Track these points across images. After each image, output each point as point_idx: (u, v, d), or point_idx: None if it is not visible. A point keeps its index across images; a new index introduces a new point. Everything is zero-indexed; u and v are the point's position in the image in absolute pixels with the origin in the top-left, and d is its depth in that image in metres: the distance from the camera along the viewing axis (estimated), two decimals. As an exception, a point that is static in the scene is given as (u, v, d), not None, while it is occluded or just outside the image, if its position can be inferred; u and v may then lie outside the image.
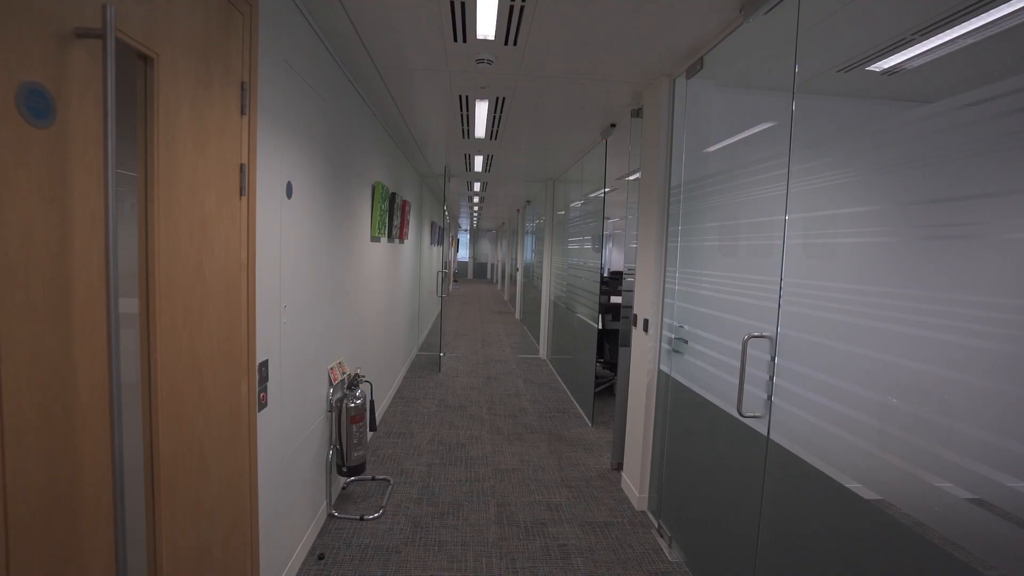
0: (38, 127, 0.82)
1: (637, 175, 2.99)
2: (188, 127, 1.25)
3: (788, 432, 1.56)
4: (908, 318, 1.16)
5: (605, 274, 6.31)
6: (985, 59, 1.08)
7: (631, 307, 2.97)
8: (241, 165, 1.53)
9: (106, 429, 0.98)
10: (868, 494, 1.26)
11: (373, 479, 2.98)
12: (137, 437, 1.18)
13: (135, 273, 1.16)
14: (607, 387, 5.01)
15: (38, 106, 0.81)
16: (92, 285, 0.94)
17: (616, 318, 4.79)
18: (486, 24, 2.13)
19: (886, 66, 1.36)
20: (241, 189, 1.54)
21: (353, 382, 2.67)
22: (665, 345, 2.55)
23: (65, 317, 0.89)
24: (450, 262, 15.05)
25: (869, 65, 1.39)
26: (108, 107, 0.86)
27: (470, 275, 24.05)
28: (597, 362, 4.21)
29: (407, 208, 4.97)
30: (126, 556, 0.96)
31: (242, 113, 1.53)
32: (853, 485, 1.31)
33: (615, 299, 4.99)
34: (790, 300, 1.58)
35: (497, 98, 3.15)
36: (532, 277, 8.09)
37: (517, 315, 10.50)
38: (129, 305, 1.17)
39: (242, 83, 1.52)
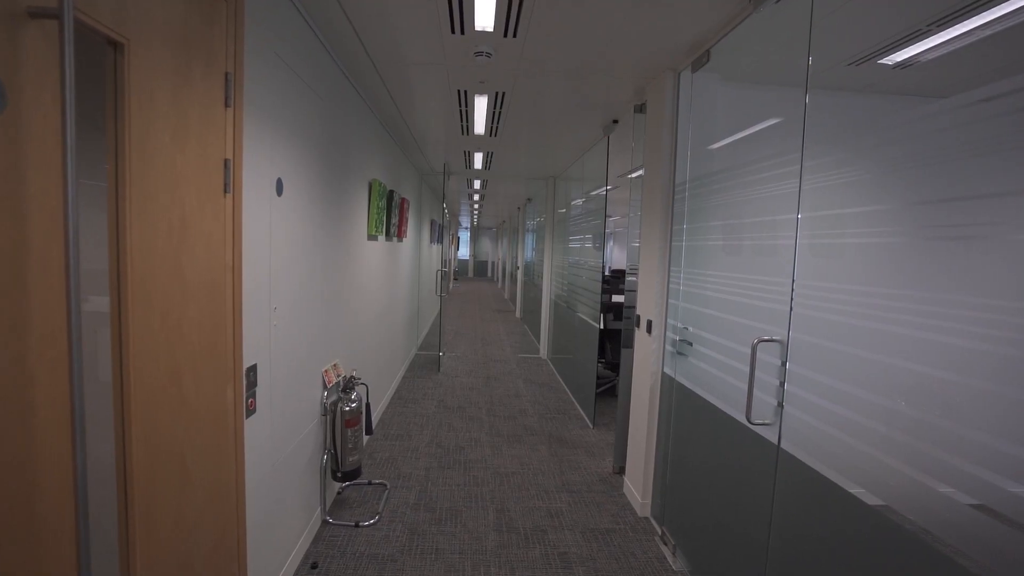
0: (-13, 116, 0.74)
1: (640, 172, 2.91)
2: (165, 119, 1.17)
3: (800, 440, 1.49)
4: (927, 322, 1.09)
5: (606, 272, 6.24)
6: (999, 54, 1.01)
7: (633, 307, 2.89)
8: (225, 160, 1.45)
9: (68, 443, 0.91)
10: (872, 499, 1.21)
11: (369, 483, 2.91)
12: (109, 449, 1.11)
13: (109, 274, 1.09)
14: (609, 388, 4.94)
15: (-14, 93, 0.74)
16: (52, 289, 0.87)
17: (618, 317, 4.72)
18: (484, 15, 2.05)
19: (899, 59, 1.29)
20: (225, 186, 1.46)
21: (348, 384, 2.60)
22: (669, 347, 2.48)
23: (21, 324, 0.81)
24: (450, 260, 14.97)
25: (881, 58, 1.32)
26: (67, 95, 0.78)
27: (470, 273, 23.98)
28: (598, 362, 4.14)
29: (406, 206, 4.89)
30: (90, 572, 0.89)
31: (226, 106, 1.45)
32: (857, 491, 1.25)
33: (617, 298, 4.92)
34: (802, 303, 1.50)
35: (496, 93, 3.07)
36: (533, 275, 8.01)
37: (517, 314, 10.43)
38: (103, 307, 1.10)
39: (226, 74, 1.44)
